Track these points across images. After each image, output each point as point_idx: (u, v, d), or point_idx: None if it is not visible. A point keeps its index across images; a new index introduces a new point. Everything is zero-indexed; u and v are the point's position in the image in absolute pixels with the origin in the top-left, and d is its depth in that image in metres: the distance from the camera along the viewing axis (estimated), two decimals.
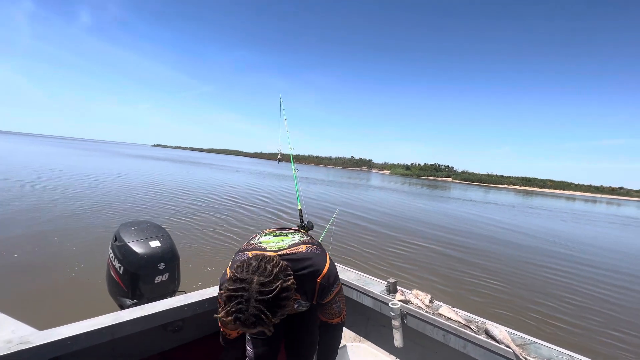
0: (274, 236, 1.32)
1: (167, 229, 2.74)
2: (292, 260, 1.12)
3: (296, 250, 1.16)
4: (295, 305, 1.23)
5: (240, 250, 1.25)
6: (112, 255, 2.42)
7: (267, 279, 0.89)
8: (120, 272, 2.31)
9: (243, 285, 0.88)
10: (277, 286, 0.89)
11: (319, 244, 1.32)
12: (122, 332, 1.49)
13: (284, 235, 1.33)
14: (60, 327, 1.40)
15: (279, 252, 1.14)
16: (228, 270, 1.14)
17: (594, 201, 66.01)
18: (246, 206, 11.46)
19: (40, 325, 1.49)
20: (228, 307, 0.87)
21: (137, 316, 1.54)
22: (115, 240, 2.43)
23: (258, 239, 1.31)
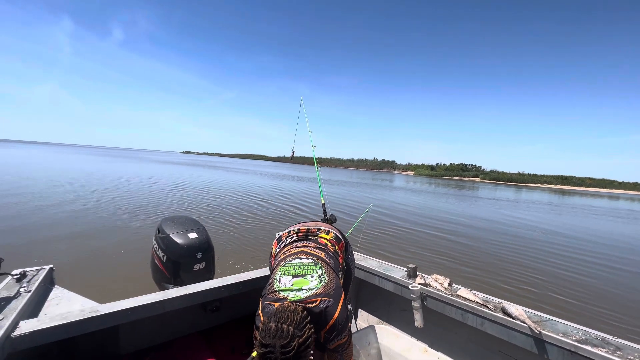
0: (293, 276, 1.41)
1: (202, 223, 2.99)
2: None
3: (310, 305, 1.30)
4: None
5: (266, 298, 1.38)
6: (156, 245, 2.68)
7: (285, 341, 1.09)
8: (164, 260, 2.57)
9: (269, 349, 1.11)
10: (294, 345, 1.10)
11: (336, 289, 1.40)
12: (170, 306, 1.71)
13: (302, 276, 1.40)
14: (121, 300, 1.64)
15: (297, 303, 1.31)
16: (261, 314, 1.34)
17: None
18: (268, 203, 11.82)
19: (100, 302, 1.75)
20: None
21: (183, 294, 1.75)
22: (159, 232, 2.69)
23: (279, 278, 1.41)
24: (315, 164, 2.89)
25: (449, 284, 1.86)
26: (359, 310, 2.49)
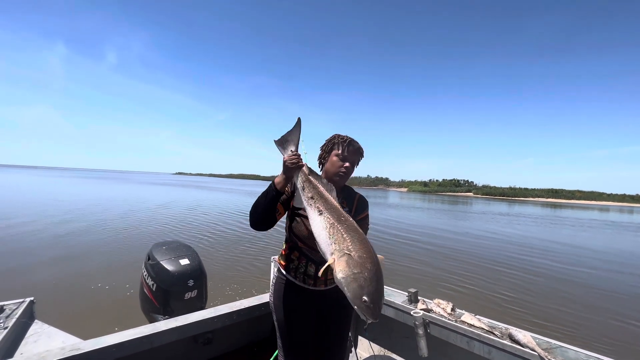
0: None
1: (194, 248, 2.89)
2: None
3: None
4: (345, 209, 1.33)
5: None
6: (145, 273, 2.57)
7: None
8: (153, 289, 2.45)
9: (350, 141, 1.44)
10: None
11: None
12: (159, 341, 1.60)
13: None
14: (105, 336, 1.53)
15: None
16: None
17: (631, 211, 61.64)
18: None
19: (83, 338, 1.63)
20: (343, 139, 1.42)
21: (172, 326, 1.65)
22: (149, 259, 2.59)
23: None
24: None
25: (452, 309, 1.79)
26: (359, 338, 2.38)
